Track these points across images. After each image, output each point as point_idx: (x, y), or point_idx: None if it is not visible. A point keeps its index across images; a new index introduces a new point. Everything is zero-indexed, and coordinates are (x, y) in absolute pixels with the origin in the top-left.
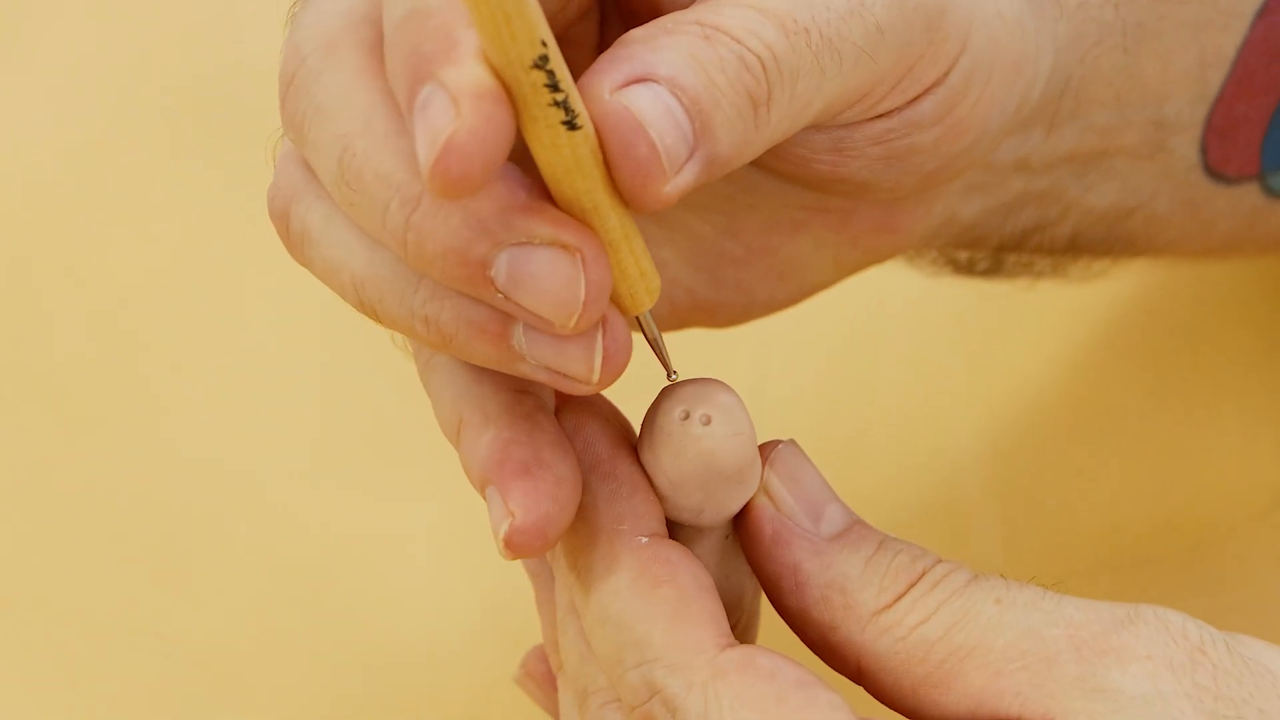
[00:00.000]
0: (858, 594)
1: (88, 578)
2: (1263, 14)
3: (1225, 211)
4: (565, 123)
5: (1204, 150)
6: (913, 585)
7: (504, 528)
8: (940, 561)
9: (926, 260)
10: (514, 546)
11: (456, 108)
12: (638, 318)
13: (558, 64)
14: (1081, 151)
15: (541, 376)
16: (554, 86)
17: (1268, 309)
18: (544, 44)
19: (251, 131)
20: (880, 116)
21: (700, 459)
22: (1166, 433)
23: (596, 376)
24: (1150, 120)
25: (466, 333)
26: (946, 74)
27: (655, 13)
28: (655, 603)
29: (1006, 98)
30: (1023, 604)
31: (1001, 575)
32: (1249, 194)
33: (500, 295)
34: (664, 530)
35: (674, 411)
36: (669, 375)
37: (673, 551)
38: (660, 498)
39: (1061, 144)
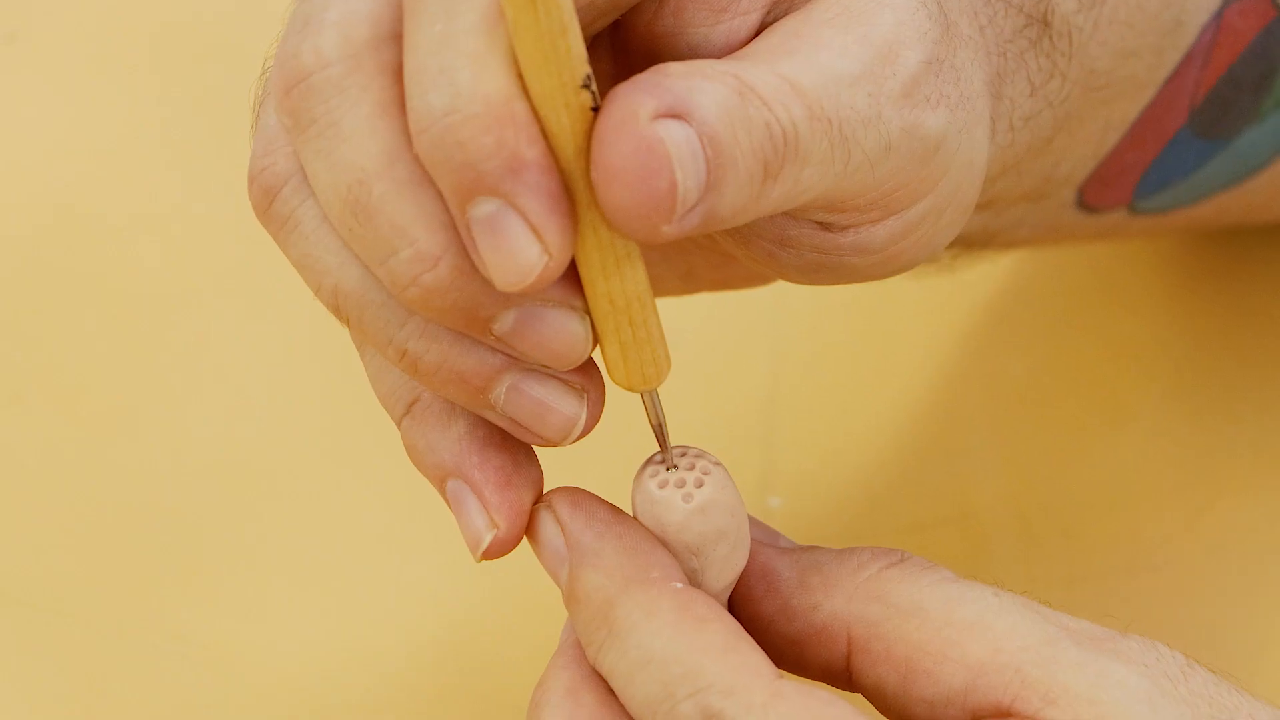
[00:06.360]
0: (837, 570)
1: (95, 575)
2: (1170, 80)
3: (1086, 230)
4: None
5: (1081, 192)
6: (897, 564)
7: (487, 540)
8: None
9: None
10: (492, 555)
11: (542, 242)
12: (642, 396)
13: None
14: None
15: (507, 426)
16: (596, 109)
17: None
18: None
19: None
20: (840, 228)
21: (678, 531)
22: (1183, 434)
23: (570, 441)
24: (1041, 177)
25: (445, 377)
26: (909, 207)
27: (651, 54)
28: (705, 636)
29: (946, 238)
30: (1021, 602)
31: (1020, 577)
32: (1114, 216)
33: (495, 339)
34: (688, 584)
35: (650, 483)
36: (663, 456)
37: (709, 598)
38: None
39: None
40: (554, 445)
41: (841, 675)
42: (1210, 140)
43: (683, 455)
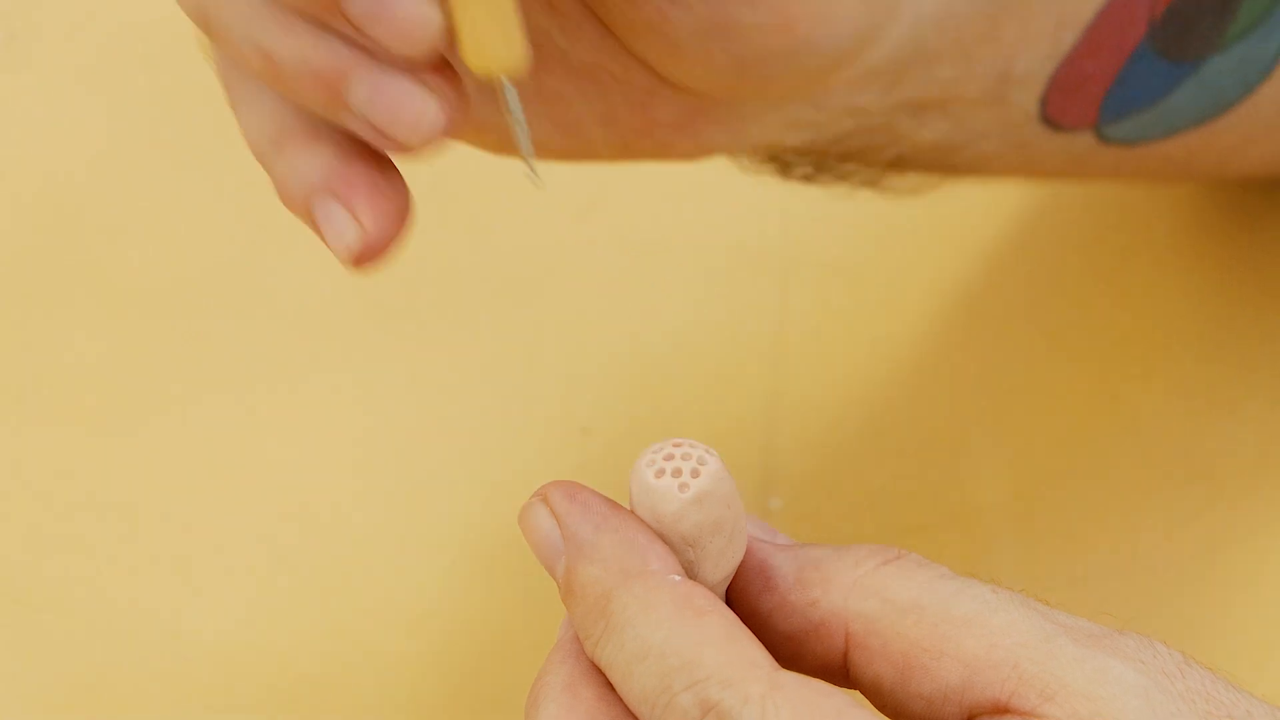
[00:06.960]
0: (834, 566)
1: (95, 575)
2: None
3: (1055, 153)
4: None
5: (1044, 102)
6: (894, 560)
7: (354, 238)
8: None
9: (744, 158)
10: (363, 261)
11: None
12: (498, 88)
13: None
14: (921, 99)
15: (365, 132)
16: None
17: None
18: None
19: None
20: None
21: (674, 521)
22: (1184, 433)
23: (429, 146)
24: (996, 74)
25: (303, 77)
26: None
27: None
28: (703, 628)
29: (843, 26)
30: (1018, 599)
31: (1020, 576)
32: (1082, 139)
33: (344, 22)
34: (686, 577)
35: (647, 473)
36: (530, 169)
37: (707, 591)
38: None
39: (900, 95)
40: (413, 150)
41: (839, 671)
42: (1173, 62)
43: (678, 446)
